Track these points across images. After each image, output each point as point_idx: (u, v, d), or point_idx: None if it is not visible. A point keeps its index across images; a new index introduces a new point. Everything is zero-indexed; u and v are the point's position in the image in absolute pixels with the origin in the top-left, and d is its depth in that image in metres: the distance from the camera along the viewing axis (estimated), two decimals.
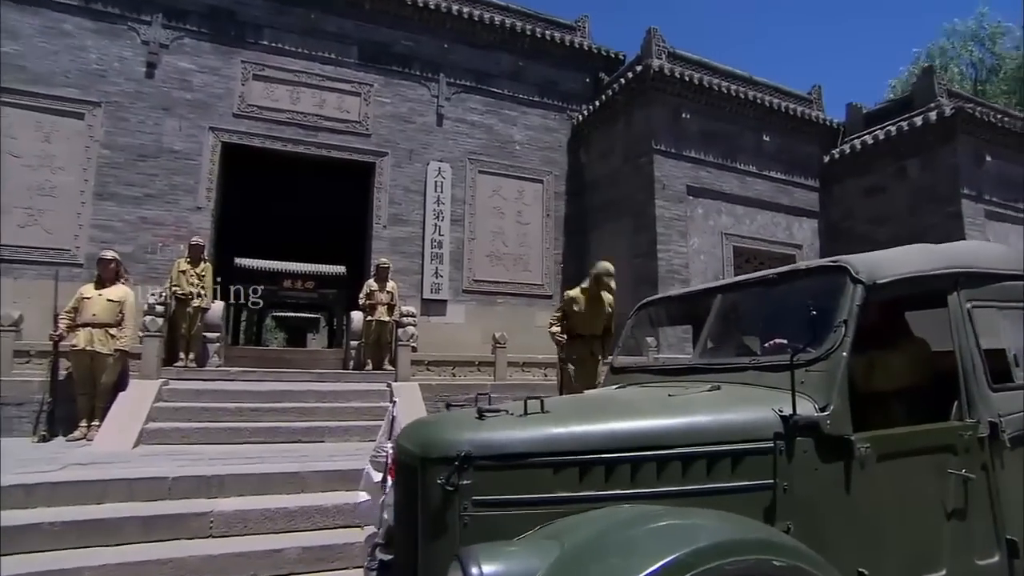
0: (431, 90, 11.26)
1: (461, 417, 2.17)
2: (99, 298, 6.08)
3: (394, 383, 7.62)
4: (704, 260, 10.31)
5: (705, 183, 10.58)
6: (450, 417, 2.24)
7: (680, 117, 10.43)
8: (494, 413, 2.09)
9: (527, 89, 11.99)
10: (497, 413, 2.10)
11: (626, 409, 2.20)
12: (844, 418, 2.11)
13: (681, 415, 2.09)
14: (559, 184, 11.93)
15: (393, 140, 10.86)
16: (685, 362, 2.91)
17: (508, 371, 8.31)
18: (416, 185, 10.84)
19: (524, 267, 11.27)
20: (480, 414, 2.08)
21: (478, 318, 10.73)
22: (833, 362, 2.18)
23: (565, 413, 2.14)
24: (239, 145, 9.82)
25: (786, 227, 11.57)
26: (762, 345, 2.73)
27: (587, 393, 2.82)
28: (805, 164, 11.96)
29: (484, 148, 11.43)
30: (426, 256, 10.64)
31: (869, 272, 2.32)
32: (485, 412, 2.09)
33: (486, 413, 2.09)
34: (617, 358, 3.61)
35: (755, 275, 2.91)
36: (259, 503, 4.26)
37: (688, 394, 2.33)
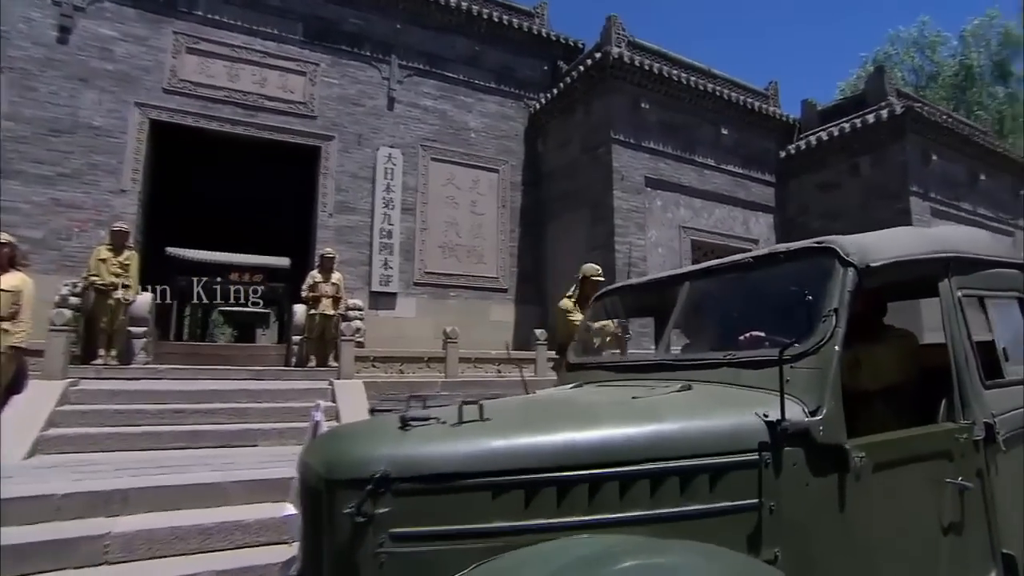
0: (382, 72, 10.69)
1: (381, 427, 1.76)
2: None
3: (336, 381, 7.10)
4: (662, 253, 10.14)
5: (664, 175, 10.41)
6: (367, 427, 1.82)
7: (639, 107, 10.20)
8: (421, 422, 1.69)
9: (483, 75, 11.56)
10: (426, 422, 1.69)
11: (583, 415, 1.83)
12: (838, 423, 1.80)
13: (648, 422, 1.73)
14: (515, 174, 11.56)
15: (341, 123, 10.25)
16: (650, 358, 2.57)
17: (460, 367, 7.89)
18: (365, 172, 10.27)
19: (478, 259, 10.86)
20: (404, 423, 1.68)
21: (430, 312, 10.26)
22: (824, 357, 1.87)
23: (509, 421, 1.75)
24: (170, 124, 9.02)
25: (743, 221, 11.54)
26: (737, 338, 2.42)
27: (537, 395, 2.45)
28: (762, 159, 11.96)
29: (437, 134, 10.94)
30: (375, 247, 10.08)
31: (861, 254, 2.03)
32: (410, 421, 1.69)
33: (412, 422, 1.68)
34: (572, 354, 3.26)
35: (728, 260, 2.60)
36: (169, 520, 3.72)
37: (655, 396, 1.98)
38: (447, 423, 1.70)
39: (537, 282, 11.34)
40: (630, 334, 3.66)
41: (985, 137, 12.33)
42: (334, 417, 6.61)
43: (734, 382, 2.11)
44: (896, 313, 2.83)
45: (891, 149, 10.34)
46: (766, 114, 11.95)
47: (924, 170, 10.51)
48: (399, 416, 1.71)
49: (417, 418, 1.70)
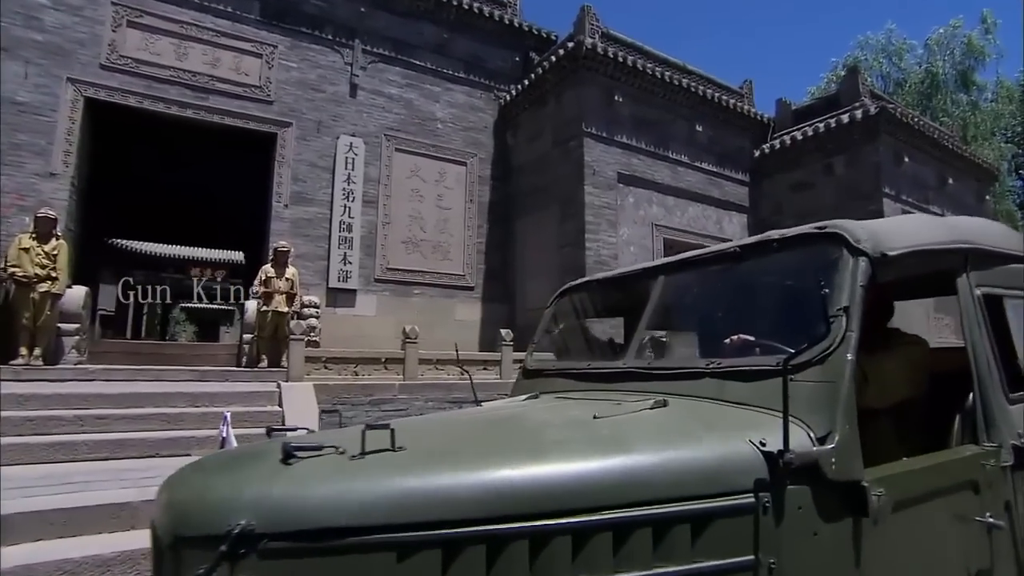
0: (344, 57, 10.13)
1: (255, 459, 1.31)
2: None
3: (284, 383, 6.56)
4: (634, 252, 9.82)
5: (636, 171, 10.09)
6: (237, 459, 1.37)
7: (612, 100, 9.87)
8: (311, 452, 1.26)
9: (452, 64, 11.08)
10: (317, 452, 1.26)
11: (528, 443, 1.41)
12: (854, 453, 1.42)
13: (611, 453, 1.33)
14: (484, 168, 11.11)
15: (299, 109, 9.66)
16: (618, 365, 2.17)
17: (420, 369, 7.42)
18: (324, 161, 9.70)
19: (444, 255, 10.38)
20: (287, 454, 1.24)
21: (391, 310, 9.75)
22: (833, 367, 1.48)
23: (428, 452, 1.33)
24: (109, 103, 8.31)
25: (716, 220, 11.32)
26: (721, 343, 2.04)
27: (477, 411, 2.02)
28: (736, 157, 11.77)
29: (402, 124, 10.43)
30: (333, 240, 9.52)
31: (874, 241, 1.65)
32: (296, 451, 1.25)
33: (297, 452, 1.25)
34: (531, 357, 2.86)
35: (710, 249, 2.21)
36: (61, 550, 3.18)
37: (621, 415, 1.57)
38: (345, 453, 1.27)
39: (505, 280, 10.92)
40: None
41: (953, 141, 12.37)
42: (280, 423, 6.10)
43: (718, 397, 1.72)
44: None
45: (865, 150, 10.23)
46: (741, 112, 11.75)
47: (896, 171, 10.43)
48: (282, 443, 1.27)
49: (306, 447, 1.26)
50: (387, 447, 1.28)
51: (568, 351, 2.95)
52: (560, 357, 2.89)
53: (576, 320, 2.96)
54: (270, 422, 6.17)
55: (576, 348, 2.98)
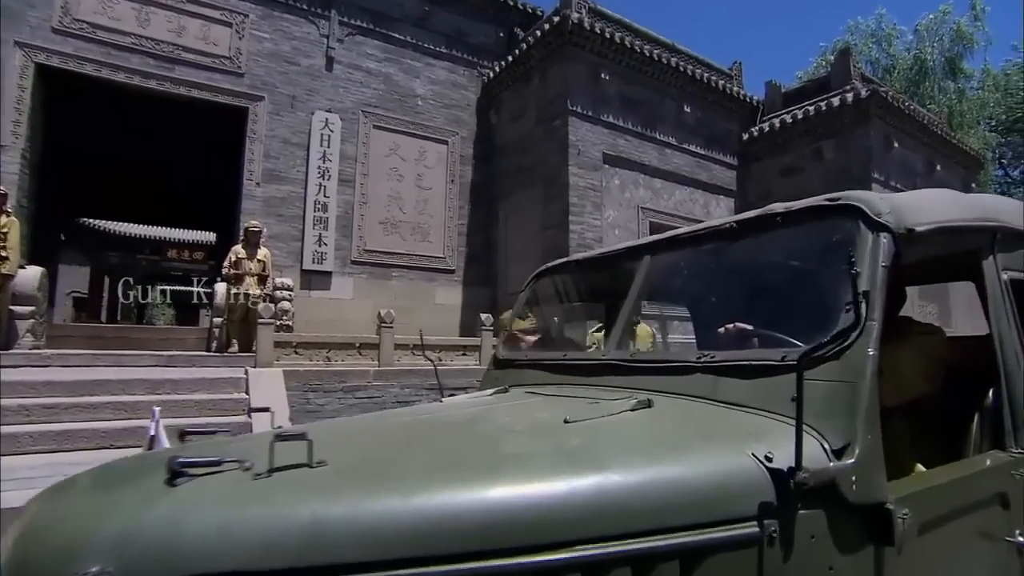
0: (320, 28, 9.66)
1: (132, 478, 1.04)
2: None
3: (252, 369, 6.25)
4: (619, 235, 9.56)
5: (623, 152, 9.81)
6: (110, 479, 1.08)
7: (599, 78, 9.54)
8: (207, 468, 0.99)
9: (433, 38, 10.65)
10: (213, 468, 0.99)
11: (481, 457, 1.14)
12: (877, 469, 1.17)
13: (583, 470, 1.06)
14: (466, 147, 10.75)
15: (272, 83, 9.20)
16: (597, 356, 1.91)
17: (396, 354, 7.14)
18: (298, 137, 9.27)
19: (424, 237, 10.04)
20: (173, 472, 0.97)
21: (369, 293, 9.42)
22: (852, 364, 1.24)
23: (355, 468, 1.06)
24: (64, 71, 7.81)
25: (704, 204, 11.10)
26: (714, 332, 1.79)
27: (422, 412, 1.74)
28: (724, 140, 11.52)
29: (381, 100, 10.01)
30: (308, 220, 9.14)
31: (897, 215, 1.39)
32: (183, 467, 0.98)
33: (186, 469, 0.98)
34: (503, 346, 2.60)
35: (702, 226, 1.95)
36: None
37: (598, 418, 1.32)
38: (251, 470, 1.00)
39: (487, 263, 10.63)
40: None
41: (942, 127, 12.24)
42: (245, 411, 5.79)
43: (711, 396, 1.47)
44: None
45: (855, 134, 10.03)
46: (730, 94, 11.48)
47: (886, 157, 10.26)
48: (169, 458, 0.99)
49: (200, 461, 0.99)
50: (302, 462, 1.01)
51: (544, 339, 2.70)
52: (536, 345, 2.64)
53: (553, 305, 2.71)
54: (235, 410, 5.87)
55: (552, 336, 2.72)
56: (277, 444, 1.00)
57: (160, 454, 1.18)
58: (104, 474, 1.09)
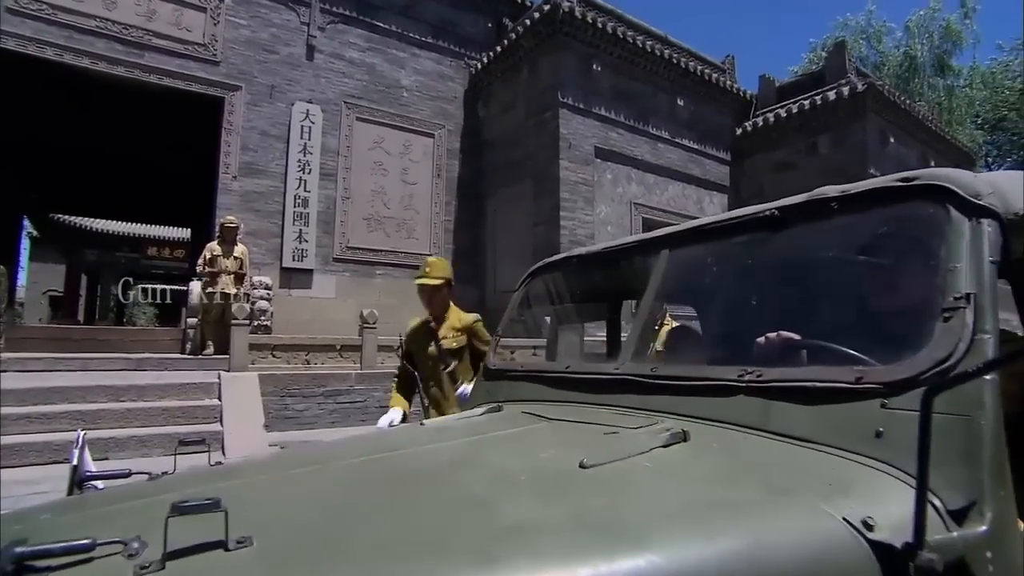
0: (300, 16, 9.25)
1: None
2: None
3: (225, 374, 5.87)
4: (611, 232, 9.28)
5: (615, 146, 9.51)
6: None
7: (590, 70, 9.23)
8: (71, 554, 0.66)
9: (419, 28, 10.28)
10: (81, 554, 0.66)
11: (470, 529, 0.79)
12: (1013, 538, 0.86)
13: (616, 549, 0.74)
14: (453, 140, 10.39)
15: (249, 72, 8.78)
16: (609, 370, 1.59)
17: (380, 356, 6.78)
18: (277, 129, 8.86)
19: (409, 234, 9.67)
20: (16, 567, 0.62)
21: (352, 292, 9.04)
22: (967, 390, 0.92)
23: (290, 550, 0.74)
24: (21, 55, 7.33)
25: (697, 200, 10.85)
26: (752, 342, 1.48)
27: (395, 440, 1.40)
28: (717, 135, 11.29)
29: (365, 91, 9.62)
30: (288, 216, 8.73)
31: (1002, 196, 1.08)
32: (28, 558, 0.64)
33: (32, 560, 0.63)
34: (494, 353, 2.28)
35: (735, 214, 1.62)
36: None
37: (622, 461, 1.00)
38: (136, 556, 0.67)
39: (475, 260, 10.28)
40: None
41: (936, 123, 12.11)
42: (217, 419, 5.42)
43: (761, 427, 1.15)
44: None
45: (851, 128, 9.83)
46: (723, 87, 11.25)
47: (882, 152, 10.08)
48: (6, 550, 0.65)
49: (56, 550, 0.66)
50: (216, 540, 0.68)
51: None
52: None
53: (551, 307, 2.39)
54: (207, 417, 5.50)
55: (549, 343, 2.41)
56: (174, 518, 0.67)
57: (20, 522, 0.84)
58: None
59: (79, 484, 1.06)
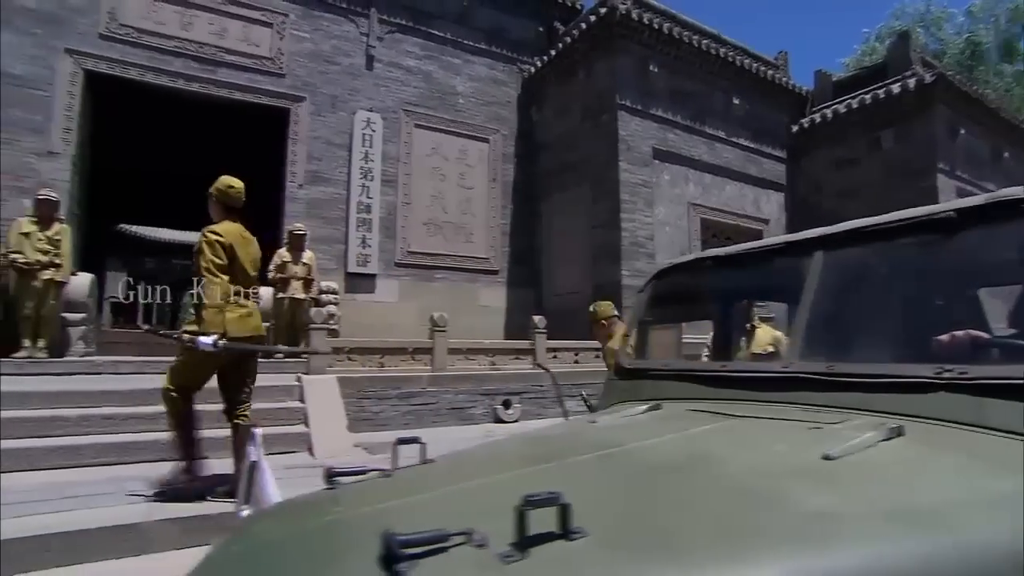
0: (360, 27, 9.50)
1: (339, 558, 0.78)
2: None
3: (305, 376, 6.07)
4: (669, 232, 9.22)
5: (672, 147, 9.45)
6: (308, 561, 0.82)
7: (647, 71, 9.20)
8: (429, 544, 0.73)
9: (473, 35, 10.43)
10: (438, 545, 0.74)
11: (777, 518, 0.84)
12: None
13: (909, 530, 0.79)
14: (507, 144, 10.49)
15: (313, 83, 9.07)
16: (775, 367, 1.61)
17: (449, 359, 6.90)
18: (340, 138, 9.12)
19: (467, 238, 9.81)
20: (392, 555, 0.71)
21: (413, 296, 9.22)
22: None
23: (625, 539, 0.80)
24: (110, 76, 7.76)
25: (754, 200, 10.67)
26: (930, 340, 1.48)
27: (593, 439, 1.43)
28: (773, 133, 11.09)
29: (422, 98, 9.81)
30: (351, 222, 8.98)
31: None
32: (404, 545, 0.71)
33: (407, 548, 0.72)
34: (628, 354, 2.31)
35: (899, 216, 1.62)
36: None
37: (858, 452, 1.04)
38: (485, 546, 0.74)
39: (531, 264, 10.36)
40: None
41: (1009, 112, 11.60)
42: (302, 421, 5.61)
43: (976, 423, 1.16)
44: None
45: (917, 122, 9.51)
46: (778, 84, 11.04)
47: (951, 145, 9.72)
48: (385, 537, 0.72)
49: (418, 539, 0.72)
50: (554, 532, 0.74)
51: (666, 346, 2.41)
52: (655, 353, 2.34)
53: (677, 308, 2.42)
54: (291, 419, 5.69)
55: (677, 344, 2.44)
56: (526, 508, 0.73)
57: (347, 523, 0.90)
58: (296, 550, 0.83)
59: (329, 479, 1.14)
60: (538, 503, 0.75)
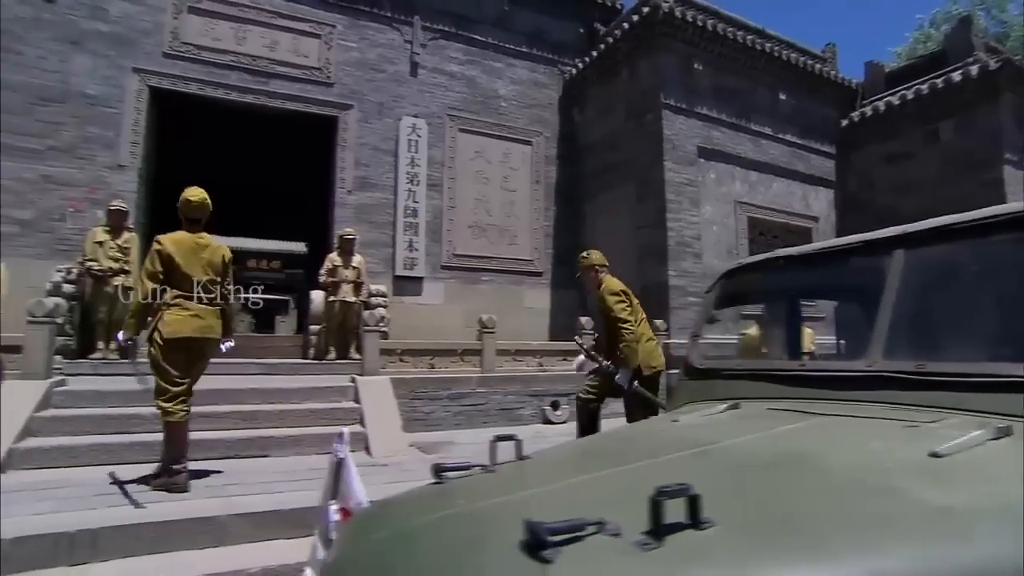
0: (404, 34, 9.70)
1: (489, 546, 0.84)
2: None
3: (360, 377, 6.23)
4: (716, 232, 9.09)
5: (718, 145, 9.31)
6: (457, 546, 0.87)
7: (691, 69, 9.10)
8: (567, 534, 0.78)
9: (514, 38, 10.51)
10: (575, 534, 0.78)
11: (909, 510, 0.86)
12: None
13: None
14: (550, 147, 10.53)
15: (360, 91, 9.31)
16: (856, 365, 1.60)
17: (497, 360, 6.98)
18: (387, 144, 9.33)
19: (511, 240, 9.88)
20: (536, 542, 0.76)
21: (459, 298, 9.35)
22: None
23: (757, 529, 0.83)
24: (172, 92, 8.15)
25: (802, 197, 10.41)
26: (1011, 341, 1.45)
27: (681, 437, 1.45)
28: (821, 128, 10.79)
29: (465, 103, 9.95)
30: (399, 226, 9.17)
31: None
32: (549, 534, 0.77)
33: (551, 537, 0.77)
34: (695, 352, 2.31)
35: (988, 212, 1.59)
36: (148, 570, 2.87)
37: (968, 451, 1.04)
38: (621, 536, 0.78)
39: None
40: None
41: None
42: (358, 420, 5.77)
43: None
44: None
45: (980, 111, 9.10)
46: (826, 78, 10.73)
47: (1018, 135, 9.26)
48: (529, 525, 0.77)
49: (560, 528, 0.77)
50: (684, 522, 0.78)
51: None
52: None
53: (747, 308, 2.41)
54: (347, 419, 5.85)
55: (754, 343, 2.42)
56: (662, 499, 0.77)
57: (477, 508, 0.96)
58: (440, 534, 0.89)
59: (437, 473, 1.20)
60: (670, 494, 0.78)
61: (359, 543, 0.95)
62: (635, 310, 4.12)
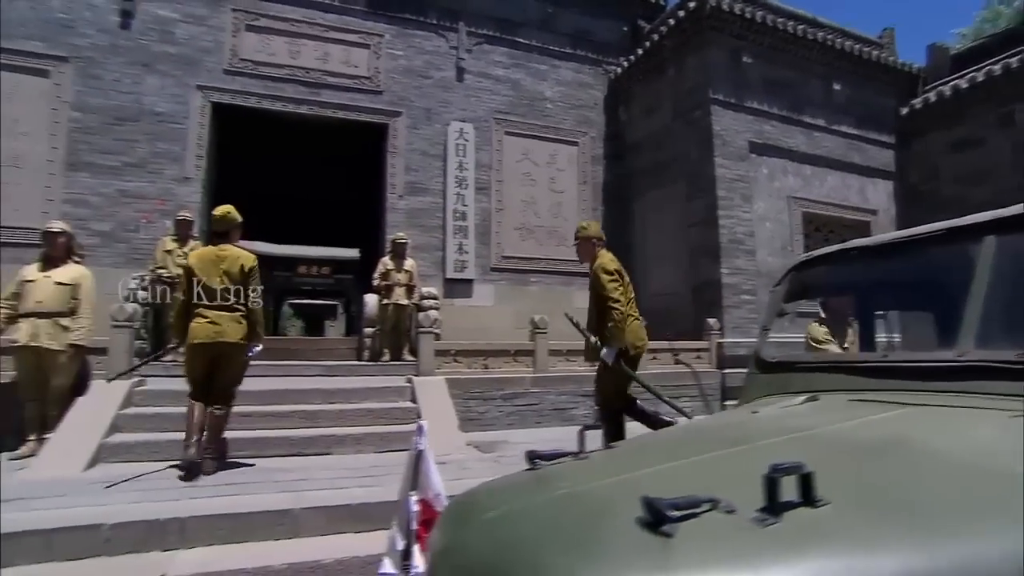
0: (449, 41, 9.87)
1: (597, 522, 0.88)
2: (45, 281, 4.87)
3: (416, 378, 6.38)
4: (770, 228, 8.87)
5: (769, 139, 9.09)
6: (559, 519, 0.91)
7: (740, 62, 8.92)
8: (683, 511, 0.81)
9: (557, 40, 10.54)
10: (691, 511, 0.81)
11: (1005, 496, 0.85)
12: None
13: None
14: (596, 147, 10.50)
15: (408, 98, 9.52)
16: (945, 356, 1.56)
17: (550, 361, 7.01)
18: (435, 149, 9.51)
19: (559, 241, 9.89)
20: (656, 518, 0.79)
21: (508, 300, 9.43)
22: None
23: (870, 507, 0.84)
24: (232, 106, 8.55)
25: (859, 189, 10.04)
26: None
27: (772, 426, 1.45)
28: (879, 117, 10.38)
29: (511, 106, 10.04)
30: (448, 230, 9.33)
31: None
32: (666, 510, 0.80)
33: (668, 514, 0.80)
34: (766, 347, 2.29)
35: None
36: (230, 559, 3.03)
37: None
38: (735, 512, 0.81)
39: (625, 264, 10.18)
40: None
41: None
42: (415, 420, 5.90)
43: None
44: None
45: None
46: (883, 64, 10.32)
47: None
48: (646, 500, 0.80)
49: (681, 503, 0.80)
50: (797, 500, 0.80)
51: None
52: None
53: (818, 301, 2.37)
54: (405, 418, 5.99)
55: None
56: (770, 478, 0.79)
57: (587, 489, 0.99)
58: (541, 511, 0.93)
59: (531, 460, 1.24)
60: (785, 471, 0.80)
61: (469, 524, 1.00)
62: (626, 289, 4.28)
